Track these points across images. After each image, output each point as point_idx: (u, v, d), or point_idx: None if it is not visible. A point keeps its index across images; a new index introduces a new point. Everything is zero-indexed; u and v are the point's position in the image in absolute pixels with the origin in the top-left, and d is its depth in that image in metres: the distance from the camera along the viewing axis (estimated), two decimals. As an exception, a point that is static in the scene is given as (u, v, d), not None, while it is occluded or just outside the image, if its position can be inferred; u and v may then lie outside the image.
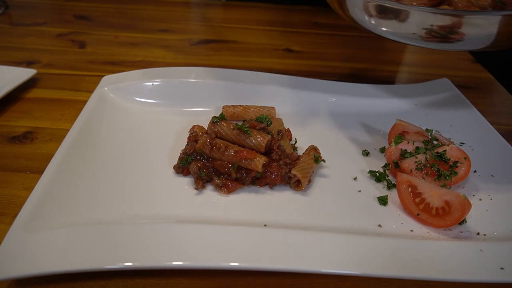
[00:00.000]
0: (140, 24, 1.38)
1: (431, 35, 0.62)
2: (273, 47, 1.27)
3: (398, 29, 0.66)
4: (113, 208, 0.61)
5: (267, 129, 0.71)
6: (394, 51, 1.32)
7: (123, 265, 0.49)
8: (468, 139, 0.81)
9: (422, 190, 0.63)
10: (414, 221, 0.63)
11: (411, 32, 0.64)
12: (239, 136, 0.67)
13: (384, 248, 0.54)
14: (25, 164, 0.73)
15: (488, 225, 0.62)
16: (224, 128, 0.68)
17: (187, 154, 0.69)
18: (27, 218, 0.55)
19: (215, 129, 0.69)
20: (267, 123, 0.73)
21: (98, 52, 1.17)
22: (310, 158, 0.70)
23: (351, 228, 0.61)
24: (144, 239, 0.52)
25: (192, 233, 0.54)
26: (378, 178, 0.70)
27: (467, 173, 0.68)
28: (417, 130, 0.77)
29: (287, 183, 0.68)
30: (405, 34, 0.66)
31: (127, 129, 0.79)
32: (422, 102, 0.93)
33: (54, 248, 0.51)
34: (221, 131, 0.69)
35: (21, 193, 0.66)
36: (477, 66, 1.23)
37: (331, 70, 1.15)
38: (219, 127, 0.69)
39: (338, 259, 0.52)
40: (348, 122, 0.87)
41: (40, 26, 1.31)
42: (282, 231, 0.56)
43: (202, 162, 0.67)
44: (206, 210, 0.63)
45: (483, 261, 0.54)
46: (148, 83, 0.88)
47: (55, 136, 0.80)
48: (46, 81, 0.99)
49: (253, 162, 0.65)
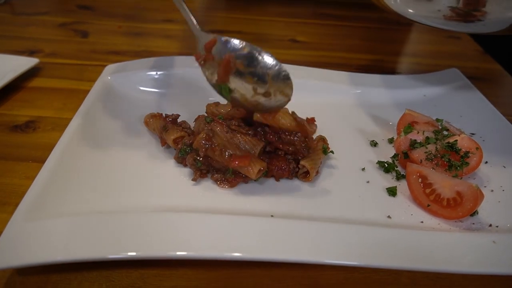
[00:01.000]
0: (143, 14, 1.36)
1: (455, 12, 0.60)
2: (279, 38, 1.25)
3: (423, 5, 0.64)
4: (115, 198, 0.60)
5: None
6: (402, 42, 1.30)
7: (127, 255, 0.48)
8: (479, 130, 0.79)
9: (432, 181, 0.61)
10: (425, 212, 0.61)
11: (436, 9, 0.62)
12: (232, 140, 0.64)
13: (393, 239, 0.53)
14: (27, 153, 0.71)
15: (501, 217, 0.61)
16: (218, 131, 0.65)
17: (186, 145, 0.66)
18: (29, 207, 0.54)
19: (210, 128, 0.66)
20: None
21: (101, 41, 1.15)
22: (318, 149, 0.68)
23: (360, 219, 0.59)
24: (148, 229, 0.51)
25: (197, 223, 0.53)
26: (387, 168, 0.69)
27: (478, 163, 0.66)
28: (427, 120, 0.75)
29: (293, 176, 0.66)
30: (429, 11, 0.64)
31: (130, 119, 0.77)
32: (431, 92, 0.91)
33: (56, 237, 0.50)
34: (216, 131, 0.65)
35: (23, 182, 0.65)
36: (486, 57, 1.21)
37: (338, 60, 1.13)
38: (213, 127, 0.66)
39: (347, 250, 0.51)
40: (356, 113, 0.85)
41: (43, 16, 1.29)
42: (289, 222, 0.55)
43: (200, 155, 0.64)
44: (210, 200, 0.61)
45: (495, 253, 0.52)
46: (152, 72, 0.86)
47: (57, 125, 0.79)
48: (49, 70, 0.98)
49: (246, 170, 0.61)
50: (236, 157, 0.60)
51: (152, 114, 0.73)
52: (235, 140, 0.63)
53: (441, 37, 1.34)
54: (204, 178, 0.65)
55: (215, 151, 0.61)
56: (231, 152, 0.61)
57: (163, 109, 0.80)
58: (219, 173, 0.63)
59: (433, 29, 1.39)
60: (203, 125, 0.66)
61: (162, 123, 0.70)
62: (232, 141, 0.64)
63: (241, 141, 0.63)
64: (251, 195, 0.63)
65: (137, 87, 0.85)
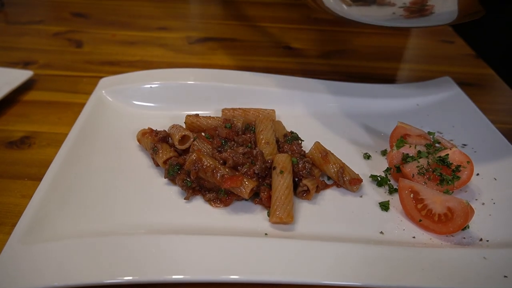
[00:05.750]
0: (137, 21, 1.36)
1: (410, 10, 0.62)
2: (273, 45, 1.25)
3: (377, 12, 0.66)
4: (112, 218, 0.60)
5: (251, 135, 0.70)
6: (395, 48, 1.30)
7: (123, 279, 0.48)
8: (471, 141, 0.80)
9: (424, 196, 0.62)
10: (417, 227, 0.62)
11: (391, 12, 0.64)
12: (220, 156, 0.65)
13: (386, 257, 0.54)
14: (23, 170, 0.72)
15: (491, 231, 0.62)
16: (204, 151, 0.66)
17: (172, 165, 0.66)
18: (25, 230, 0.55)
19: (197, 148, 0.67)
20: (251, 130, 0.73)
21: (95, 51, 1.15)
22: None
23: (353, 235, 0.60)
24: (144, 252, 0.52)
25: (192, 245, 0.53)
26: (380, 182, 0.70)
27: (469, 177, 0.67)
28: (419, 133, 0.76)
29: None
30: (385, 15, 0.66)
31: (125, 134, 0.78)
32: (424, 102, 0.91)
33: (52, 262, 0.50)
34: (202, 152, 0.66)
35: (19, 201, 0.65)
36: (479, 61, 1.22)
37: (332, 68, 1.13)
38: (199, 146, 0.67)
39: (340, 270, 0.52)
40: (349, 124, 0.86)
41: (37, 25, 1.29)
42: (282, 241, 0.55)
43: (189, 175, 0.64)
44: (204, 219, 0.62)
45: (486, 269, 0.53)
46: (146, 85, 0.87)
47: (53, 140, 0.79)
48: (43, 82, 0.98)
49: (239, 190, 0.62)
50: (228, 178, 0.60)
51: (143, 131, 0.74)
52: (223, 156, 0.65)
53: (434, 42, 1.35)
54: (197, 195, 0.65)
55: (207, 172, 0.61)
56: (222, 172, 0.61)
57: (158, 123, 0.80)
58: (211, 193, 0.64)
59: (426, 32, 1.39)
60: (192, 145, 0.68)
61: (152, 144, 0.70)
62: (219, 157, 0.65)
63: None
64: (245, 212, 0.63)
65: (132, 101, 0.85)
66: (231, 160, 0.63)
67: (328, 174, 0.69)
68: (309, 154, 0.70)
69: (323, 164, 0.68)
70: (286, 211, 0.60)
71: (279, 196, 0.61)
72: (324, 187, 0.68)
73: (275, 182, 0.63)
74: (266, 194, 0.63)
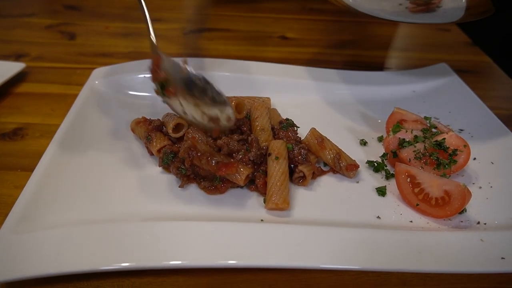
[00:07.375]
0: (131, 13, 1.34)
1: (416, 3, 0.62)
2: (268, 35, 1.24)
3: (385, 3, 0.65)
4: (105, 206, 0.60)
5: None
6: (391, 37, 1.30)
7: (119, 266, 0.48)
8: (467, 126, 0.80)
9: (421, 180, 0.62)
10: (414, 211, 0.62)
11: (398, 3, 0.64)
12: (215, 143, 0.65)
13: (383, 241, 0.53)
14: (16, 161, 0.71)
15: (488, 214, 0.61)
16: (198, 138, 0.65)
17: (166, 154, 0.65)
18: (17, 219, 0.54)
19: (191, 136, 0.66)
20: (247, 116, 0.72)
21: (88, 43, 1.14)
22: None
23: (350, 220, 0.60)
24: (139, 239, 0.51)
25: (188, 231, 0.53)
26: (376, 168, 0.69)
27: (466, 161, 0.67)
28: (416, 118, 0.76)
29: None
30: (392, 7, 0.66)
31: (119, 124, 0.77)
32: (420, 88, 0.91)
33: (46, 250, 0.50)
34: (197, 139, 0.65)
35: (11, 192, 0.64)
36: (475, 49, 1.21)
37: (327, 57, 1.13)
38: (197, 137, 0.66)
39: (337, 254, 0.51)
40: (345, 111, 0.85)
41: (29, 18, 1.28)
42: (279, 226, 0.55)
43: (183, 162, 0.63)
44: (199, 206, 0.61)
45: (483, 251, 0.53)
46: (140, 75, 0.86)
47: (46, 132, 0.78)
48: (36, 74, 0.97)
49: (234, 177, 0.61)
50: (223, 165, 0.60)
51: (137, 120, 0.73)
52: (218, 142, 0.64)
53: (431, 30, 1.34)
54: (192, 183, 0.65)
55: (202, 159, 0.61)
56: (217, 159, 0.61)
57: (152, 112, 0.79)
58: (206, 181, 0.63)
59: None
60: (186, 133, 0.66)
61: (146, 133, 0.69)
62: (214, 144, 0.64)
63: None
64: (240, 199, 0.63)
65: (125, 91, 0.84)
66: (226, 147, 0.63)
67: (325, 160, 0.68)
68: (305, 140, 0.69)
69: (319, 150, 0.68)
70: (282, 197, 0.59)
71: (275, 182, 0.61)
72: (321, 173, 0.68)
73: (271, 168, 0.62)
74: (262, 181, 0.62)
